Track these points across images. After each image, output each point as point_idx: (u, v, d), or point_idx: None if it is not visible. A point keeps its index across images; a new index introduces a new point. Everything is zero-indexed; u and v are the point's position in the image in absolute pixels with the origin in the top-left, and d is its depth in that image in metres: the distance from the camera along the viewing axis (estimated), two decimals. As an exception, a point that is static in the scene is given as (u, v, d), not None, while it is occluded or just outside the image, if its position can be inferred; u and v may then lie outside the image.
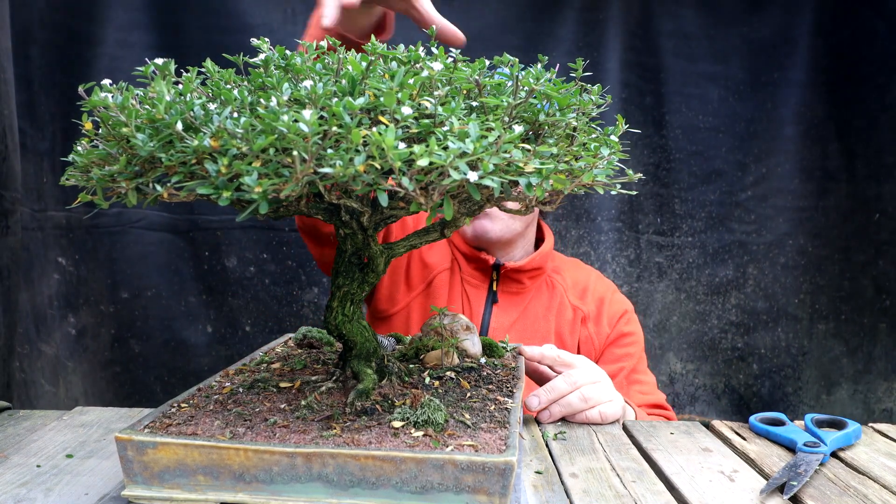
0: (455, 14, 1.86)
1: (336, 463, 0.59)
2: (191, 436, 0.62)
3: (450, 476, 0.58)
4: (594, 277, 1.43)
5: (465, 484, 0.58)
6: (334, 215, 0.70)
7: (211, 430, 0.64)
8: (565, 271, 1.41)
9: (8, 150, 1.20)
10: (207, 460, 0.60)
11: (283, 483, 0.60)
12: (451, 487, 0.59)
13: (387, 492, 0.59)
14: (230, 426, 0.65)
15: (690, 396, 2.03)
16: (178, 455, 0.60)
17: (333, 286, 0.74)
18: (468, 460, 0.58)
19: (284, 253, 1.91)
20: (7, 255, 1.18)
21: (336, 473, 0.59)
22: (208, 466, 0.60)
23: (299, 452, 0.59)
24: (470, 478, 0.58)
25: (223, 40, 1.80)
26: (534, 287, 1.36)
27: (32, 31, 1.54)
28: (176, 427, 0.64)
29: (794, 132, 1.96)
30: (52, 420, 0.91)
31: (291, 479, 0.60)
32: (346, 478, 0.59)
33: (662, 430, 0.93)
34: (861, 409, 1.90)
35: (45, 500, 0.67)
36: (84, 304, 1.73)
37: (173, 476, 0.61)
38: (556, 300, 1.35)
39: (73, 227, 1.70)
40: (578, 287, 1.38)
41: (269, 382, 0.76)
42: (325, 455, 0.59)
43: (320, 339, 0.94)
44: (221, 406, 0.70)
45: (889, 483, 0.76)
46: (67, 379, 1.62)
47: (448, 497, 0.59)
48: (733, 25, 1.92)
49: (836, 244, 1.96)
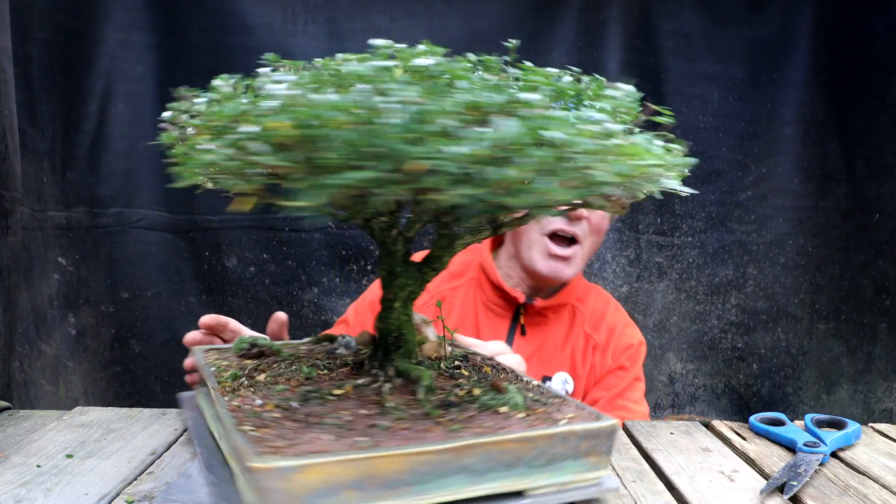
0: (455, 14, 1.86)
1: (481, 452, 0.62)
2: (338, 452, 0.58)
3: (571, 445, 0.65)
4: (612, 308, 1.40)
5: (582, 450, 0.66)
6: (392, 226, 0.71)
7: (332, 445, 0.60)
8: (587, 300, 1.38)
9: (8, 150, 1.20)
10: (356, 473, 0.58)
11: (429, 482, 0.61)
12: (571, 455, 0.66)
13: (520, 470, 0.63)
14: (342, 438, 0.61)
15: (690, 396, 2.03)
16: (326, 474, 0.57)
17: (393, 287, 0.74)
18: (585, 429, 0.65)
19: (284, 253, 1.91)
20: (7, 255, 1.18)
21: (479, 462, 0.62)
22: (356, 480, 0.58)
23: (450, 448, 0.60)
24: (586, 444, 0.66)
25: (223, 40, 1.80)
26: (556, 318, 1.35)
27: (32, 31, 1.54)
28: (292, 448, 0.58)
29: (793, 132, 1.96)
30: (52, 420, 0.91)
31: (437, 475, 0.61)
32: (487, 464, 0.62)
33: (662, 430, 0.93)
34: (861, 409, 1.90)
35: (45, 500, 0.67)
36: (84, 304, 1.73)
37: (319, 497, 0.57)
38: (575, 329, 1.34)
39: (73, 227, 1.70)
40: (596, 316, 1.36)
41: (322, 391, 0.73)
42: (474, 446, 0.61)
43: (270, 347, 0.87)
44: (300, 422, 0.65)
45: (889, 483, 0.76)
46: (67, 379, 1.62)
47: (569, 464, 0.66)
48: (733, 25, 1.92)
49: (836, 244, 1.96)
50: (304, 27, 1.83)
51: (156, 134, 0.70)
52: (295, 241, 1.91)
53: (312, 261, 1.92)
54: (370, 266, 1.93)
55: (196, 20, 1.79)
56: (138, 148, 1.81)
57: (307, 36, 1.83)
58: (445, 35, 1.85)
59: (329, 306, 1.94)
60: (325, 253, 1.92)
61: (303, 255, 1.92)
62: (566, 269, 1.27)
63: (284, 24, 1.82)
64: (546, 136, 0.48)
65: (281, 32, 1.82)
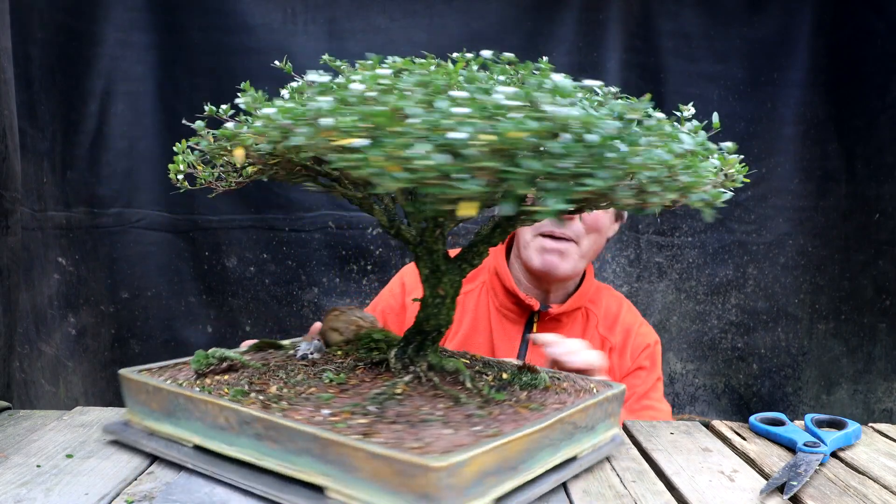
0: (455, 14, 1.86)
1: (561, 425, 0.70)
2: (485, 442, 0.59)
3: (604, 409, 0.78)
4: (625, 308, 1.41)
5: (608, 412, 0.79)
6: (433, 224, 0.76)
7: (464, 438, 0.61)
8: (600, 301, 1.39)
9: (8, 150, 1.20)
10: (497, 459, 0.61)
11: (532, 458, 0.66)
12: (602, 418, 0.78)
13: (577, 437, 0.74)
14: (460, 430, 0.63)
15: (690, 396, 2.03)
16: (480, 464, 0.58)
17: (443, 284, 0.78)
18: (612, 393, 0.79)
19: (284, 253, 1.91)
20: (7, 255, 1.18)
21: (559, 434, 0.70)
22: (496, 465, 0.61)
23: (548, 425, 0.67)
24: (611, 406, 0.79)
25: (223, 40, 1.80)
26: (570, 321, 1.35)
27: (32, 31, 1.54)
28: (430, 447, 0.59)
29: (793, 132, 1.96)
30: (52, 420, 0.91)
31: (536, 451, 0.67)
32: (562, 435, 0.71)
33: (662, 430, 0.93)
34: (861, 409, 1.90)
35: (45, 500, 0.67)
36: (84, 304, 1.73)
37: (473, 488, 0.58)
38: (589, 331, 1.35)
39: (73, 227, 1.70)
40: (609, 317, 1.37)
41: (387, 392, 0.73)
42: (562, 420, 0.70)
43: (238, 360, 0.81)
44: (401, 423, 0.65)
45: (889, 483, 0.76)
46: (67, 379, 1.62)
47: (601, 426, 0.78)
48: (733, 25, 1.92)
49: (836, 244, 1.96)
50: (304, 27, 1.83)
51: (156, 134, 0.71)
52: (295, 241, 1.91)
53: (312, 261, 1.92)
54: (370, 266, 1.93)
55: (196, 20, 1.79)
56: (138, 148, 1.81)
57: (307, 36, 1.83)
58: (445, 35, 1.85)
59: (329, 306, 1.94)
60: (325, 253, 1.92)
61: (303, 255, 1.91)
62: (561, 264, 1.28)
63: (284, 24, 1.82)
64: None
65: (281, 32, 1.82)
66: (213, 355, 0.80)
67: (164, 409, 0.76)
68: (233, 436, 0.70)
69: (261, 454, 0.68)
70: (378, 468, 0.58)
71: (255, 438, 0.68)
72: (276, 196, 1.88)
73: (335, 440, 0.60)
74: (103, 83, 1.75)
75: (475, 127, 0.49)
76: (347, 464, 0.60)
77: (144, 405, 0.79)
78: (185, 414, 0.74)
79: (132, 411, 0.81)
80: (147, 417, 0.79)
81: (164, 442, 0.76)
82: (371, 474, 0.59)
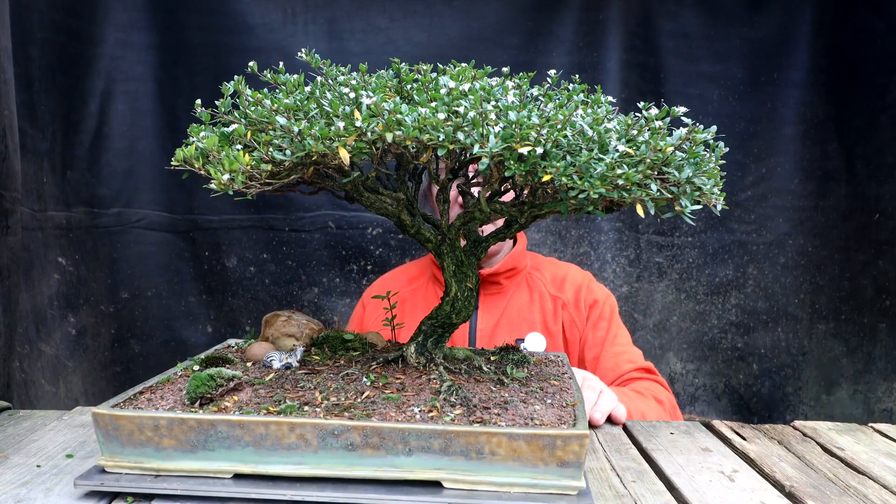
0: (455, 14, 1.86)
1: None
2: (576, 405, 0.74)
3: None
4: (573, 271, 1.52)
5: None
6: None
7: (560, 413, 0.72)
8: (543, 268, 1.51)
9: (8, 150, 1.20)
10: None
11: None
12: None
13: None
14: (551, 408, 0.74)
15: (690, 396, 2.03)
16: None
17: (470, 278, 0.84)
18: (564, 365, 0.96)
19: (284, 253, 1.91)
20: (7, 255, 1.18)
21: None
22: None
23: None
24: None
25: (223, 40, 1.80)
26: (512, 285, 1.46)
27: (32, 31, 1.54)
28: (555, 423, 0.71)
29: (793, 132, 1.96)
30: (52, 420, 0.91)
31: None
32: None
33: (662, 430, 0.93)
34: (861, 409, 1.90)
35: (45, 500, 0.67)
36: (84, 304, 1.73)
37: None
38: (536, 294, 1.46)
39: (73, 227, 1.70)
40: (557, 280, 1.48)
41: (452, 387, 0.77)
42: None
43: (238, 378, 0.78)
44: (495, 408, 0.73)
45: (889, 483, 0.76)
46: (67, 379, 1.62)
47: None
48: (733, 25, 1.92)
49: (835, 244, 1.96)
50: (304, 27, 1.83)
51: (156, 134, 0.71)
52: (295, 241, 1.91)
53: (312, 261, 1.92)
54: (370, 266, 1.93)
55: (196, 20, 1.79)
56: (138, 148, 1.81)
57: (307, 36, 1.83)
58: (445, 35, 1.85)
59: (329, 306, 1.94)
60: (325, 253, 1.92)
61: (303, 255, 1.91)
62: None
63: (284, 24, 1.82)
64: None
65: (281, 32, 1.82)
66: (219, 376, 0.74)
67: (188, 442, 0.67)
68: (308, 453, 0.66)
69: (349, 464, 0.66)
70: (518, 448, 0.64)
71: (346, 449, 0.66)
72: (276, 196, 1.88)
73: (467, 431, 0.64)
74: (103, 83, 1.75)
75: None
76: (477, 452, 0.65)
77: (148, 444, 0.69)
78: (226, 443, 0.67)
79: (119, 455, 0.69)
80: (152, 458, 0.69)
81: (185, 480, 0.68)
82: (506, 457, 0.64)
